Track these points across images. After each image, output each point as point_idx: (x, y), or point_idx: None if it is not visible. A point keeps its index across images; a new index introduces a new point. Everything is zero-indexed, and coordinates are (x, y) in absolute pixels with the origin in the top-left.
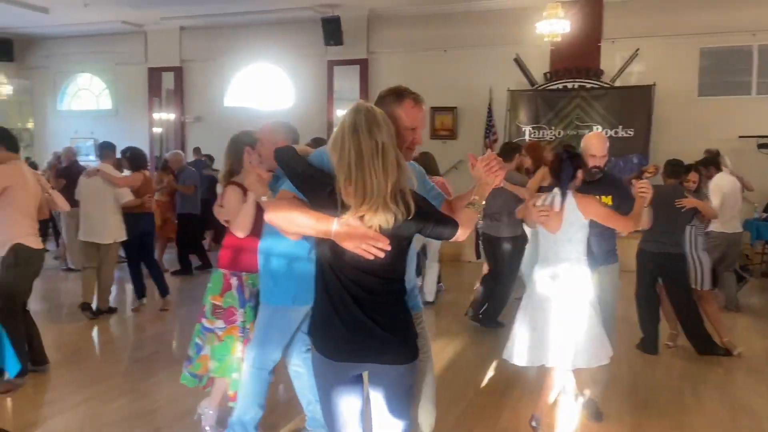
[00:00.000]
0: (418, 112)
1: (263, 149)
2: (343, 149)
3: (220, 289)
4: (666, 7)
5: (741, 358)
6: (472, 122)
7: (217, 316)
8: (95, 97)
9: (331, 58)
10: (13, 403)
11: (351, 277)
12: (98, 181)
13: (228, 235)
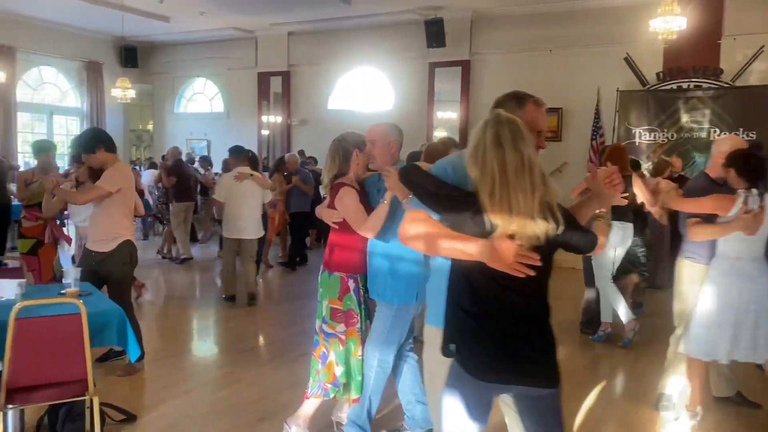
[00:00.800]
0: (540, 115)
1: (376, 150)
2: (485, 164)
3: (338, 293)
4: None
5: None
6: (578, 124)
7: (337, 320)
8: (209, 100)
9: (433, 60)
10: (130, 386)
11: (500, 295)
12: (251, 183)
13: (339, 236)
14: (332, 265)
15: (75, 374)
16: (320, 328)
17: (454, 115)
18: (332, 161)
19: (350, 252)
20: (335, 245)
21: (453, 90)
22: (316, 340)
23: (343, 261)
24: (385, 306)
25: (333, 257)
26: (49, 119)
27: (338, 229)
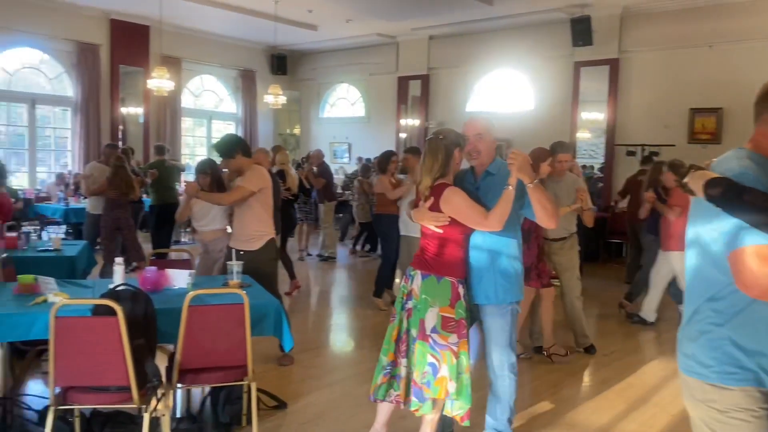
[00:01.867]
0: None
1: (483, 144)
2: None
3: (449, 299)
4: None
5: None
6: (740, 125)
7: (449, 330)
8: (351, 105)
9: (579, 60)
10: (279, 375)
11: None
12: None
13: (445, 238)
14: (440, 269)
15: (237, 360)
16: (424, 335)
17: (601, 116)
18: (434, 161)
19: (457, 254)
20: (441, 248)
21: (599, 89)
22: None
23: (452, 264)
24: (497, 308)
25: (441, 260)
26: (209, 123)
27: (443, 232)
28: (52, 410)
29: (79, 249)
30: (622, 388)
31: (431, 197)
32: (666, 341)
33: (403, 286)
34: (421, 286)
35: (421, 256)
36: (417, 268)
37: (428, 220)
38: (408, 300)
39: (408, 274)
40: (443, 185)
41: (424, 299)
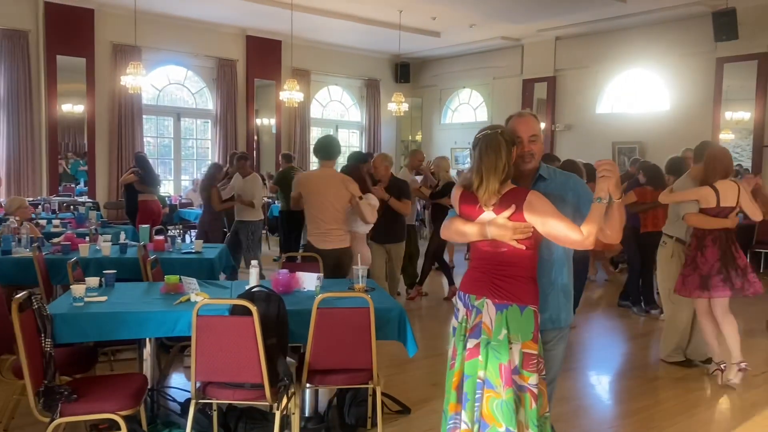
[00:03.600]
0: None
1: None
2: None
3: (532, 332)
4: None
5: None
6: None
7: (530, 369)
8: (473, 110)
9: (722, 55)
10: (403, 380)
11: None
12: None
13: (529, 256)
14: (522, 295)
15: (362, 363)
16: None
17: (747, 115)
18: (498, 158)
19: (534, 275)
20: (519, 268)
21: (746, 86)
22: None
23: (532, 289)
24: (559, 331)
25: (521, 285)
26: (335, 132)
27: (526, 248)
28: (193, 403)
29: (218, 252)
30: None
31: (511, 204)
32: None
33: (463, 320)
34: (498, 319)
35: (489, 281)
36: (487, 297)
37: (512, 233)
38: (471, 338)
39: (470, 304)
40: (521, 189)
41: (507, 336)
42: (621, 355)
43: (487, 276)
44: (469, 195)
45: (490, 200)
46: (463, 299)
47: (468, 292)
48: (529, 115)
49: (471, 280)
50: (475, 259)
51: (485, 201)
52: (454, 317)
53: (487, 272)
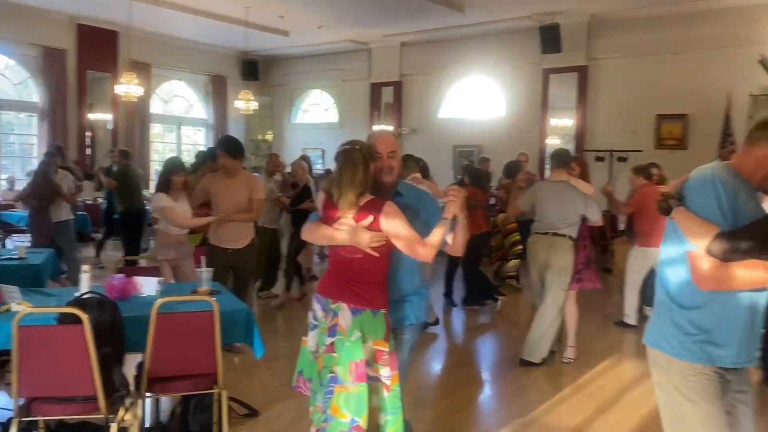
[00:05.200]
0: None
1: (395, 162)
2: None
3: (384, 333)
4: None
5: None
6: (706, 131)
7: (381, 363)
8: (324, 111)
9: (548, 66)
10: (252, 383)
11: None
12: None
13: (381, 263)
14: (374, 301)
15: (206, 368)
16: (361, 375)
17: (570, 122)
18: (355, 172)
19: (385, 281)
20: (372, 275)
21: (568, 97)
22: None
23: (384, 294)
24: (411, 327)
25: (374, 290)
26: (178, 130)
27: (379, 256)
28: (16, 422)
29: (45, 257)
30: (593, 390)
31: (368, 214)
32: (638, 342)
33: (322, 322)
34: (353, 322)
35: (345, 286)
36: (343, 301)
37: (369, 241)
38: (331, 335)
39: (326, 307)
40: (379, 200)
41: (360, 337)
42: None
43: (343, 281)
44: (331, 202)
45: (349, 210)
46: (321, 301)
47: (325, 295)
48: (389, 133)
49: (329, 284)
50: (334, 263)
51: (344, 209)
52: (312, 314)
53: (344, 277)
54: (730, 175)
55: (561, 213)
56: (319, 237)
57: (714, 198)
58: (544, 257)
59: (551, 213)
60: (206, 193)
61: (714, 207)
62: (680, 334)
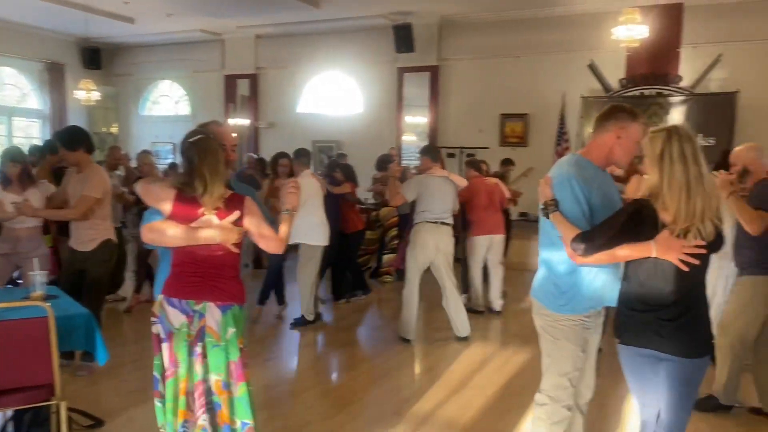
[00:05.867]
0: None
1: (235, 155)
2: (672, 175)
3: (243, 329)
4: (751, 11)
5: None
6: (544, 129)
7: (245, 362)
8: (174, 103)
9: (402, 65)
10: (98, 391)
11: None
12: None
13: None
14: (241, 296)
15: (41, 379)
16: (243, 375)
17: (424, 120)
18: (218, 162)
19: (239, 274)
20: (233, 269)
21: (422, 95)
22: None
23: (243, 288)
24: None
25: (238, 284)
26: (9, 120)
27: (237, 250)
28: None
29: None
30: (443, 374)
31: (233, 209)
32: (488, 327)
33: (183, 325)
34: (223, 320)
35: (208, 284)
36: (209, 300)
37: (235, 236)
38: (198, 342)
39: (189, 310)
40: (238, 195)
41: (234, 334)
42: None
43: (205, 280)
44: (187, 198)
45: (215, 204)
46: (180, 305)
47: (185, 297)
48: (229, 126)
49: (185, 285)
50: (187, 263)
51: (210, 205)
52: (160, 324)
53: (205, 276)
54: (582, 165)
55: (446, 204)
56: (171, 238)
57: (571, 194)
58: (435, 244)
59: (438, 204)
60: (65, 190)
61: (573, 202)
62: (556, 291)
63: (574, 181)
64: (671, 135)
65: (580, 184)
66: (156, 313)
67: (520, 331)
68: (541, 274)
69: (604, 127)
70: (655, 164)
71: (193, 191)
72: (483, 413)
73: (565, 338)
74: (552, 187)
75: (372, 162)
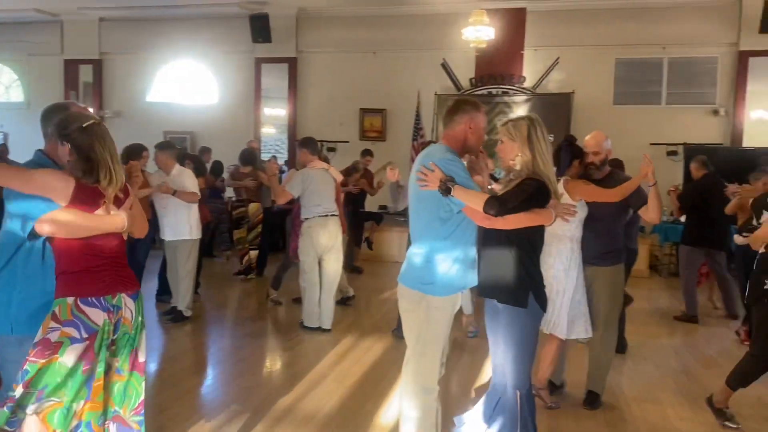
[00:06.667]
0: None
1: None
2: (542, 152)
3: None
4: (585, 18)
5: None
6: (401, 124)
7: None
8: (5, 88)
9: (259, 56)
10: None
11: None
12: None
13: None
14: (138, 281)
15: None
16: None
17: (283, 112)
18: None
19: None
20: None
21: (280, 86)
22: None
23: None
24: None
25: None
26: None
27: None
28: None
29: None
30: (303, 367)
31: (127, 194)
32: (350, 318)
33: (105, 323)
34: (135, 308)
35: (116, 275)
36: (121, 291)
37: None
38: (115, 332)
39: (108, 306)
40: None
41: (141, 322)
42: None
43: (112, 271)
44: (89, 188)
45: (117, 192)
46: (98, 304)
47: (103, 294)
48: (88, 108)
49: (99, 281)
50: (91, 257)
51: (113, 193)
52: (73, 328)
53: (111, 267)
54: (452, 151)
55: (332, 197)
56: (80, 228)
57: (463, 170)
58: (327, 237)
59: (325, 198)
60: None
61: (466, 176)
62: (424, 276)
63: (457, 160)
64: (533, 120)
65: (462, 164)
66: (60, 319)
67: (380, 321)
68: (409, 261)
69: (455, 120)
70: (525, 145)
71: (96, 180)
72: (342, 404)
73: (434, 320)
74: (445, 169)
75: (229, 154)
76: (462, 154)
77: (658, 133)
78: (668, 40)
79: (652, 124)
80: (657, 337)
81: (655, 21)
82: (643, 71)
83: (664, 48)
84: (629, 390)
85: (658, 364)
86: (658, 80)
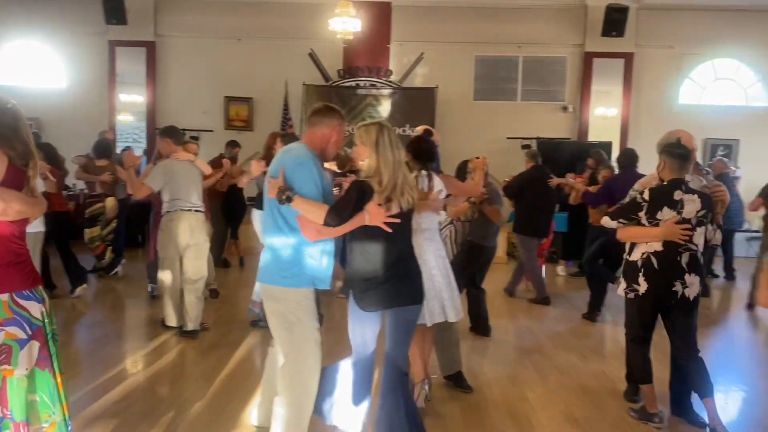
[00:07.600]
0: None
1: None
2: (386, 159)
3: None
4: (447, 15)
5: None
6: (269, 114)
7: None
8: None
9: (114, 38)
10: None
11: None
12: None
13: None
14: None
15: None
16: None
17: (141, 98)
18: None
19: None
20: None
21: (138, 72)
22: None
23: None
24: None
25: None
26: None
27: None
28: None
29: None
30: (165, 368)
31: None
32: (216, 315)
33: (44, 315)
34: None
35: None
36: (37, 282)
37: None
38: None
39: (39, 297)
40: None
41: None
42: None
43: (30, 261)
44: (17, 169)
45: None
46: (34, 296)
47: (35, 285)
48: None
49: (29, 273)
50: (18, 246)
51: (34, 178)
52: (17, 327)
53: (29, 257)
54: (312, 152)
55: (196, 191)
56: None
57: (310, 176)
58: (190, 232)
59: (190, 191)
60: None
61: (311, 182)
62: (282, 269)
63: (313, 164)
64: (382, 127)
65: (317, 167)
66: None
67: (248, 317)
68: (266, 257)
69: (324, 123)
70: (372, 150)
71: (25, 164)
72: (207, 404)
73: (302, 313)
74: (286, 173)
75: (80, 143)
76: (319, 156)
77: (514, 127)
78: (523, 39)
79: (509, 119)
80: (515, 319)
81: (512, 21)
82: (500, 69)
83: (520, 47)
84: (491, 372)
85: (515, 345)
86: (515, 78)
